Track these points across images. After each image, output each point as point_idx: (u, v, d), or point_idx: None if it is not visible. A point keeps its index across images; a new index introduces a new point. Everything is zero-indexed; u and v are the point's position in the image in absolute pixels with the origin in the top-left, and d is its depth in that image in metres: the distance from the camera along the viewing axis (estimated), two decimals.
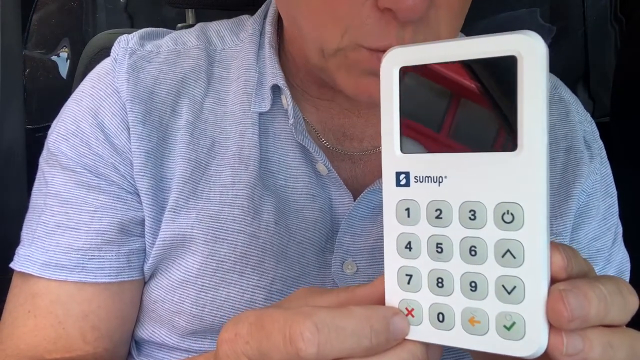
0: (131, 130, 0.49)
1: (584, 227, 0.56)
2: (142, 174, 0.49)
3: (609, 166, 0.60)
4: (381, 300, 0.31)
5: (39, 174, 0.52)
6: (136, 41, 0.54)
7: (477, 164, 0.28)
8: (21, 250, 0.50)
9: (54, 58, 1.41)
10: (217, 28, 0.57)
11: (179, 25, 1.00)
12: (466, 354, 0.33)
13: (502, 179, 0.27)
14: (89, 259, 0.48)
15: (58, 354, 0.49)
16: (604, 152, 0.60)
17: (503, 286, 0.28)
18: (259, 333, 0.29)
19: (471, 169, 0.28)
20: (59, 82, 1.41)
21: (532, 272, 0.27)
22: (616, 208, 0.59)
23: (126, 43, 0.54)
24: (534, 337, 0.27)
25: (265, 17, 0.56)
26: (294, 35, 0.51)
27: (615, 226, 0.59)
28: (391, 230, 0.31)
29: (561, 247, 0.28)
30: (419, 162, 0.29)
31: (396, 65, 0.30)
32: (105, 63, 0.53)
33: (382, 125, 0.30)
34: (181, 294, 0.48)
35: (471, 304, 0.28)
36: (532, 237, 0.27)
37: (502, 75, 0.27)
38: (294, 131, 0.49)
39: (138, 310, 0.53)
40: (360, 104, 0.52)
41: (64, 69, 1.41)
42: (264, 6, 0.57)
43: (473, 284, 0.28)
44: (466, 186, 0.28)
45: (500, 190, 0.27)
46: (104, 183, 0.49)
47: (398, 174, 0.30)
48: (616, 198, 0.60)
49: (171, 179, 0.49)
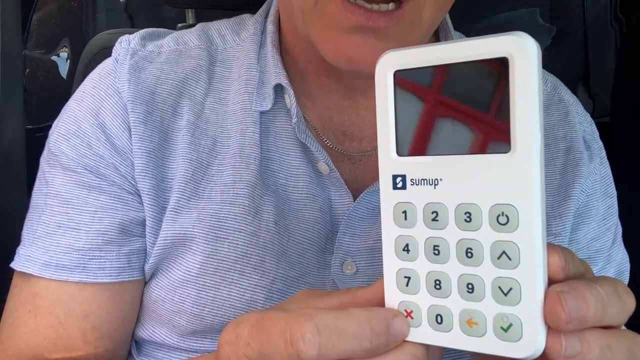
0: (132, 130, 0.49)
1: (583, 227, 0.56)
2: (144, 174, 0.49)
3: (609, 166, 0.60)
4: (381, 302, 0.31)
5: (39, 174, 0.52)
6: (137, 41, 0.54)
7: (471, 166, 0.28)
8: (22, 250, 0.50)
9: (54, 58, 1.41)
10: (218, 27, 0.57)
11: (179, 25, 1.00)
12: (465, 355, 0.33)
13: (497, 181, 0.27)
14: (89, 259, 0.48)
15: (58, 354, 0.49)
16: (604, 153, 0.60)
17: (499, 288, 0.28)
18: (260, 335, 0.29)
19: (466, 171, 0.28)
20: (59, 82, 1.40)
21: (528, 274, 0.27)
22: (616, 208, 0.60)
23: (127, 43, 0.54)
24: (531, 339, 0.27)
25: (266, 17, 0.56)
26: (285, 15, 0.51)
27: (615, 226, 0.59)
28: (389, 232, 0.31)
29: (558, 248, 0.28)
30: (414, 165, 0.30)
31: (390, 69, 0.30)
32: (107, 63, 0.53)
33: (378, 128, 0.30)
34: (182, 294, 0.48)
35: (468, 305, 0.29)
36: (527, 238, 0.27)
37: (494, 76, 0.27)
38: (296, 130, 0.49)
39: (138, 310, 0.53)
40: (355, 95, 0.52)
41: (64, 69, 1.41)
42: (264, 5, 0.57)
43: (470, 286, 0.28)
44: (461, 188, 0.28)
45: (494, 192, 0.27)
46: (105, 183, 0.49)
47: (395, 177, 0.30)
48: (616, 198, 0.60)
49: (172, 179, 0.49)
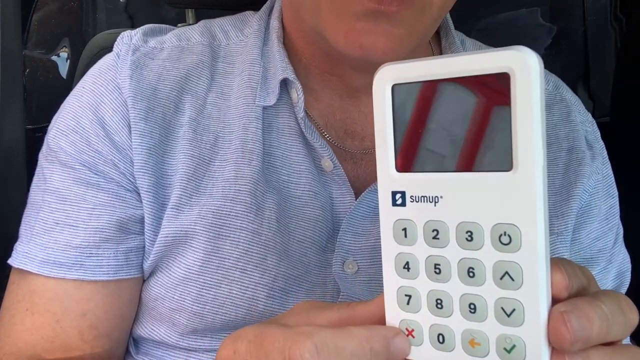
0: (132, 127, 0.49)
1: (585, 227, 0.56)
2: (143, 171, 0.48)
3: (610, 167, 0.60)
4: (382, 317, 0.31)
5: (38, 169, 0.52)
6: (139, 37, 0.54)
7: (472, 184, 0.27)
8: (19, 247, 0.50)
9: (54, 58, 1.41)
10: (221, 24, 0.57)
11: (179, 25, 1.00)
12: None
13: (498, 200, 0.27)
14: (87, 256, 0.48)
15: (56, 353, 0.48)
16: (605, 153, 0.60)
17: (502, 308, 0.27)
18: (257, 352, 0.29)
19: (467, 189, 0.27)
20: (59, 82, 1.40)
21: (531, 295, 0.26)
22: (617, 208, 0.59)
23: (129, 39, 0.53)
24: None
25: (269, 14, 0.56)
26: (295, 12, 0.51)
27: (617, 226, 0.59)
28: (389, 249, 0.30)
29: (561, 265, 0.28)
30: (414, 181, 0.29)
31: (389, 83, 0.29)
32: (108, 59, 0.53)
33: (377, 143, 0.30)
34: (182, 292, 0.48)
35: (471, 325, 0.28)
36: (531, 259, 0.26)
37: (495, 92, 0.26)
38: (302, 125, 0.49)
39: (137, 309, 0.52)
40: (357, 93, 0.52)
41: (64, 69, 1.41)
42: (268, 3, 0.57)
43: (472, 306, 0.28)
44: (462, 206, 0.28)
45: (496, 211, 0.27)
46: (103, 180, 0.49)
47: (394, 193, 0.30)
48: (617, 198, 0.60)
49: (173, 175, 0.49)
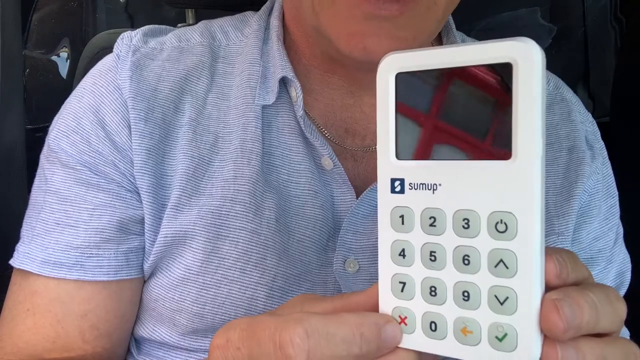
0: (132, 127, 0.49)
1: (585, 227, 0.56)
2: (143, 171, 0.48)
3: (610, 167, 0.60)
4: (376, 306, 0.31)
5: (39, 170, 0.52)
6: (139, 38, 0.54)
7: (471, 172, 0.28)
8: (21, 247, 0.50)
9: (54, 58, 1.41)
10: (221, 24, 0.57)
11: (179, 25, 1.00)
12: None
13: (496, 188, 0.27)
14: (87, 257, 0.48)
15: (57, 353, 0.49)
16: (605, 152, 0.60)
17: (496, 296, 0.27)
18: (250, 339, 0.29)
19: (465, 177, 0.28)
20: (59, 82, 1.40)
21: (525, 284, 0.27)
22: (617, 208, 0.59)
23: (129, 40, 0.53)
24: (526, 349, 0.27)
25: (269, 14, 0.56)
26: (296, 13, 0.51)
27: (617, 226, 0.59)
28: (385, 237, 0.30)
29: (557, 254, 0.28)
30: (413, 168, 0.29)
31: (392, 71, 0.29)
32: (108, 60, 0.53)
33: (378, 130, 0.30)
34: (182, 292, 0.48)
35: (464, 313, 0.28)
36: (526, 247, 0.26)
37: (497, 82, 0.27)
38: (302, 123, 0.49)
39: (138, 309, 0.52)
40: (359, 91, 0.52)
41: (64, 69, 1.41)
42: (268, 3, 0.57)
43: (466, 294, 0.28)
44: (460, 194, 0.28)
45: (494, 199, 0.27)
46: (104, 181, 0.49)
47: (393, 180, 0.30)
48: (617, 198, 0.60)
49: (173, 176, 0.49)
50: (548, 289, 0.27)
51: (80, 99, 0.51)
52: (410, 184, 0.29)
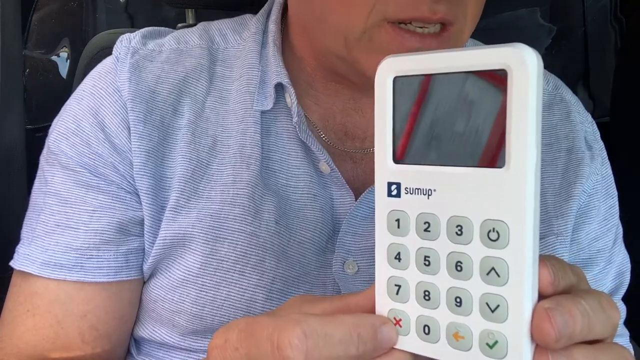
0: (132, 129, 0.49)
1: (584, 227, 0.56)
2: (142, 173, 0.48)
3: (610, 167, 0.60)
4: (373, 308, 0.31)
5: (39, 172, 0.52)
6: (138, 40, 0.54)
7: (465, 179, 0.27)
8: (21, 249, 0.50)
9: (54, 58, 1.41)
10: (219, 27, 0.57)
11: (179, 25, 1.00)
12: None
13: (489, 196, 0.27)
14: (87, 258, 0.48)
15: (57, 354, 0.49)
16: (605, 153, 0.60)
17: (487, 304, 0.27)
18: (248, 340, 0.29)
19: (459, 184, 0.28)
20: (59, 82, 1.40)
21: (516, 292, 0.26)
22: (617, 209, 0.59)
23: (128, 42, 0.54)
24: (516, 357, 0.27)
25: (268, 17, 0.56)
26: (305, 29, 0.51)
27: (616, 227, 0.59)
28: (382, 239, 0.30)
29: (549, 262, 0.28)
30: (410, 173, 0.29)
31: (390, 75, 0.29)
32: (107, 62, 0.53)
33: (376, 134, 0.30)
34: (181, 294, 0.48)
35: (456, 319, 0.28)
36: (517, 256, 0.26)
37: (492, 89, 0.26)
38: (297, 129, 0.49)
39: (137, 310, 0.53)
40: (361, 97, 0.52)
41: (64, 69, 1.41)
42: (266, 5, 0.57)
43: (458, 299, 0.28)
44: (454, 201, 0.28)
45: (487, 206, 0.27)
46: (103, 183, 0.49)
47: (390, 184, 0.30)
48: (617, 199, 0.60)
49: (172, 178, 0.49)
50: (541, 297, 0.27)
51: (80, 101, 0.51)
52: (406, 188, 0.29)
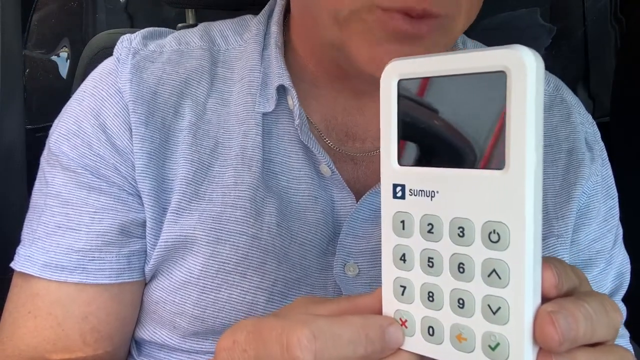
0: (133, 131, 0.49)
1: (584, 228, 0.56)
2: (144, 175, 0.48)
3: (610, 168, 0.60)
4: (380, 310, 0.32)
5: (39, 173, 0.52)
6: (139, 41, 0.54)
7: (466, 181, 0.28)
8: (22, 250, 0.50)
9: (54, 58, 1.41)
10: (220, 28, 0.57)
11: (179, 25, 1.00)
12: None
13: (490, 198, 0.27)
14: (89, 260, 0.48)
15: (58, 356, 0.49)
16: (605, 154, 0.60)
17: (489, 306, 0.27)
18: (256, 341, 0.29)
19: (461, 186, 0.28)
20: (59, 82, 1.40)
21: (516, 294, 0.26)
22: (617, 210, 0.59)
23: (129, 43, 0.53)
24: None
25: (269, 18, 0.55)
26: (303, 23, 0.51)
27: (616, 228, 0.59)
28: (388, 241, 0.31)
29: (552, 264, 0.28)
30: (413, 175, 0.29)
31: (395, 77, 0.30)
32: (108, 63, 0.53)
33: (382, 136, 0.30)
34: (182, 295, 0.48)
35: (459, 320, 0.28)
36: (518, 258, 0.26)
37: (493, 91, 0.26)
38: (299, 132, 0.49)
39: (139, 311, 0.53)
40: (363, 96, 0.52)
41: (64, 69, 1.41)
42: (267, 6, 0.57)
43: (461, 301, 0.28)
44: (456, 202, 0.28)
45: (488, 208, 0.27)
46: (105, 184, 0.49)
47: (395, 185, 0.30)
48: (617, 200, 0.60)
49: (173, 180, 0.49)
50: (544, 299, 0.27)
51: (81, 102, 0.51)
52: (410, 190, 0.30)
